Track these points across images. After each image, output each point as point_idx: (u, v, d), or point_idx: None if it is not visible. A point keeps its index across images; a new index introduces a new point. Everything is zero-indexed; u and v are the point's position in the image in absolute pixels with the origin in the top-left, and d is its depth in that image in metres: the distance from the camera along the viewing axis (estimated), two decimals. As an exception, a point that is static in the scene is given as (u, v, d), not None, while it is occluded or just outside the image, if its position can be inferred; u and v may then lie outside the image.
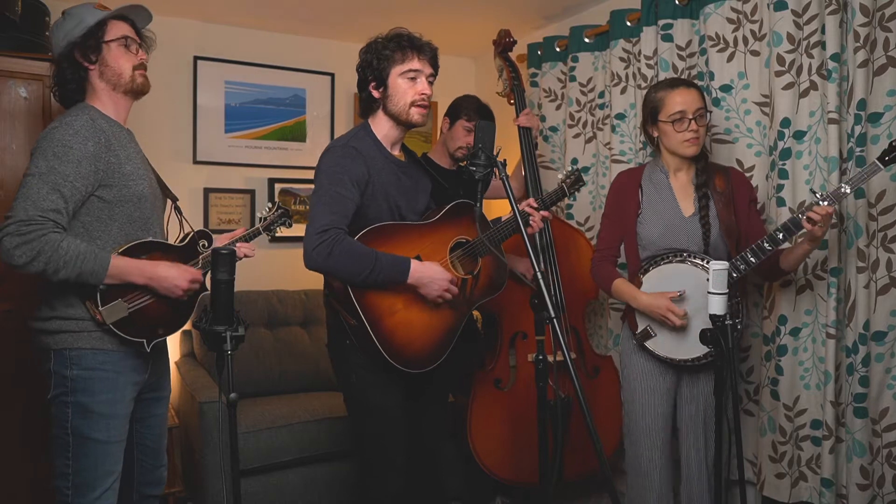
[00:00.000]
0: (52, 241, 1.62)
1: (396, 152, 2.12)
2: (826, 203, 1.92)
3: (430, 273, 1.94)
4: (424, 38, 2.07)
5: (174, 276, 1.79)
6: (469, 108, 2.76)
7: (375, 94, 2.04)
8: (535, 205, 2.20)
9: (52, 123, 1.75)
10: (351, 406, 2.13)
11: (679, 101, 2.14)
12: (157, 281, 1.77)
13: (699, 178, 2.22)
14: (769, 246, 2.01)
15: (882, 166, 1.89)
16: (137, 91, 1.90)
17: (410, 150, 2.22)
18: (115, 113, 1.88)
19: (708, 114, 2.20)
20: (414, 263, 1.93)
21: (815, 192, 1.99)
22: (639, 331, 2.20)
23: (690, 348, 2.10)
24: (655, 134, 2.24)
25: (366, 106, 2.10)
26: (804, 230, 1.96)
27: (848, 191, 1.93)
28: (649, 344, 2.18)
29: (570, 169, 2.42)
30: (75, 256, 1.64)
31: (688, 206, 2.21)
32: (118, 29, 1.86)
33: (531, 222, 2.16)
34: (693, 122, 2.13)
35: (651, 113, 2.22)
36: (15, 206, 1.64)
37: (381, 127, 2.07)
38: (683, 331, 2.10)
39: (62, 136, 1.70)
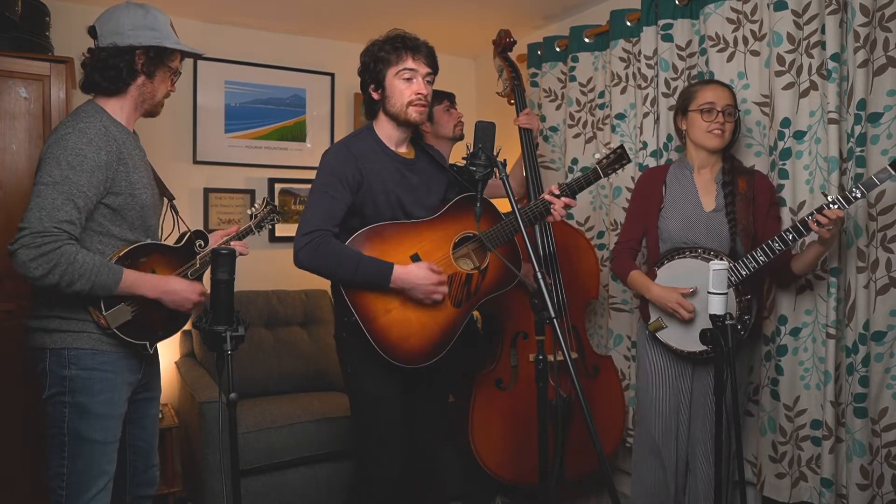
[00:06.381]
0: (68, 253, 1.60)
1: (403, 150, 2.12)
2: (836, 206, 1.94)
3: (412, 278, 1.93)
4: (422, 38, 2.07)
5: (185, 290, 1.82)
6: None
7: (375, 95, 2.08)
8: (557, 192, 2.08)
9: (65, 128, 1.71)
10: (349, 396, 2.18)
11: (710, 94, 2.22)
12: (170, 295, 1.80)
13: (725, 177, 2.26)
14: (778, 246, 2.04)
15: (894, 172, 1.89)
16: (153, 115, 1.95)
17: (426, 146, 2.22)
18: (126, 119, 1.87)
19: (737, 112, 2.26)
20: (396, 269, 1.93)
21: (826, 195, 2.01)
22: (651, 320, 2.26)
23: (697, 341, 2.12)
24: (684, 127, 2.31)
25: (369, 108, 2.14)
26: (813, 232, 1.98)
27: (859, 195, 1.94)
28: (661, 335, 2.24)
29: (614, 146, 2.21)
30: (90, 269, 1.63)
31: (709, 201, 2.26)
32: (177, 61, 1.90)
33: (552, 210, 2.06)
34: (720, 114, 2.20)
35: (682, 105, 2.30)
36: (28, 215, 1.61)
37: (384, 128, 2.10)
38: (691, 324, 2.15)
39: (76, 144, 1.67)
